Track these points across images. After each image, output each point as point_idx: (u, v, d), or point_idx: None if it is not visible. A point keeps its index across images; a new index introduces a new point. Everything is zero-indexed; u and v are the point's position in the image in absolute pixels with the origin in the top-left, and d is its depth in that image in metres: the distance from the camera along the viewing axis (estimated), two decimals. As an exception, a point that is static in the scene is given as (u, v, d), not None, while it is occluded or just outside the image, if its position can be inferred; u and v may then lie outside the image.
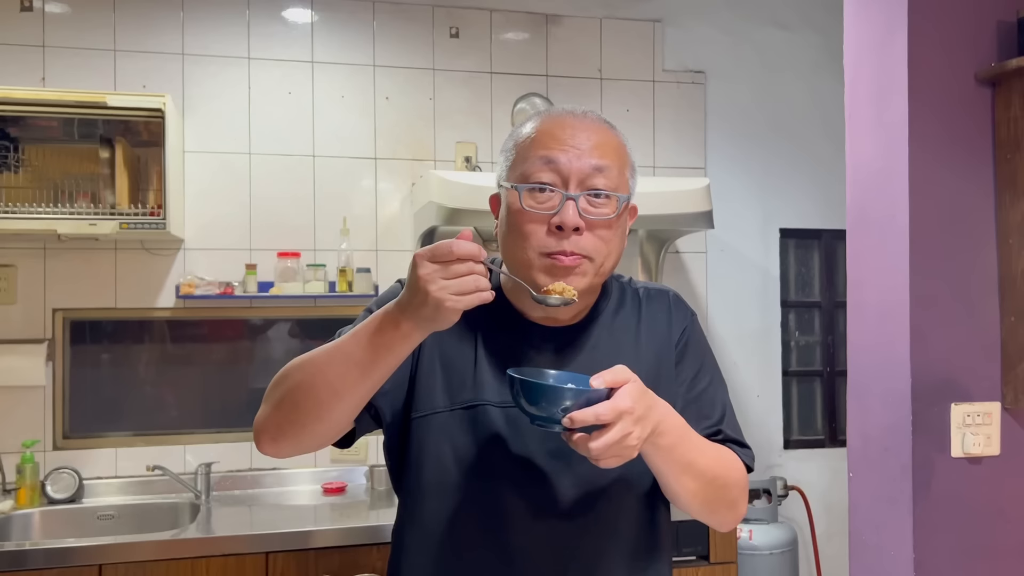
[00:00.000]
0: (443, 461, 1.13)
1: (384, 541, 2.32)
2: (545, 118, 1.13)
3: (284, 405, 1.06)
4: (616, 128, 1.17)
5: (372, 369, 1.01)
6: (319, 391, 1.03)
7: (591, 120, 1.13)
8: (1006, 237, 1.75)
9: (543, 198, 1.08)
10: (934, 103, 1.74)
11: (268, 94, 2.96)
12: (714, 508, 1.15)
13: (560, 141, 1.09)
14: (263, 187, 2.94)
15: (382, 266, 3.01)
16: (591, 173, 1.08)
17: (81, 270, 2.79)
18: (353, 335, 1.02)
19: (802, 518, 3.29)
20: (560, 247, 1.06)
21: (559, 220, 1.06)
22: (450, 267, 0.93)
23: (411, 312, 0.96)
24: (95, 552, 2.20)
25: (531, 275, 1.09)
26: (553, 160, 1.08)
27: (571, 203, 1.06)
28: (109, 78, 2.82)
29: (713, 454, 1.14)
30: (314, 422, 1.05)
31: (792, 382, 3.44)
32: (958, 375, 1.74)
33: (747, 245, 3.36)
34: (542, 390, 0.98)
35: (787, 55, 3.40)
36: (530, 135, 1.12)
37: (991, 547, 1.75)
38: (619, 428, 0.94)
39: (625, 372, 0.99)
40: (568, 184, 1.08)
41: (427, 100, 3.09)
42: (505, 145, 1.16)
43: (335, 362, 1.02)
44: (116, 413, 2.82)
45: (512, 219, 1.10)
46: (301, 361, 1.07)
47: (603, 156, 1.10)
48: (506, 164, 1.14)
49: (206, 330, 2.91)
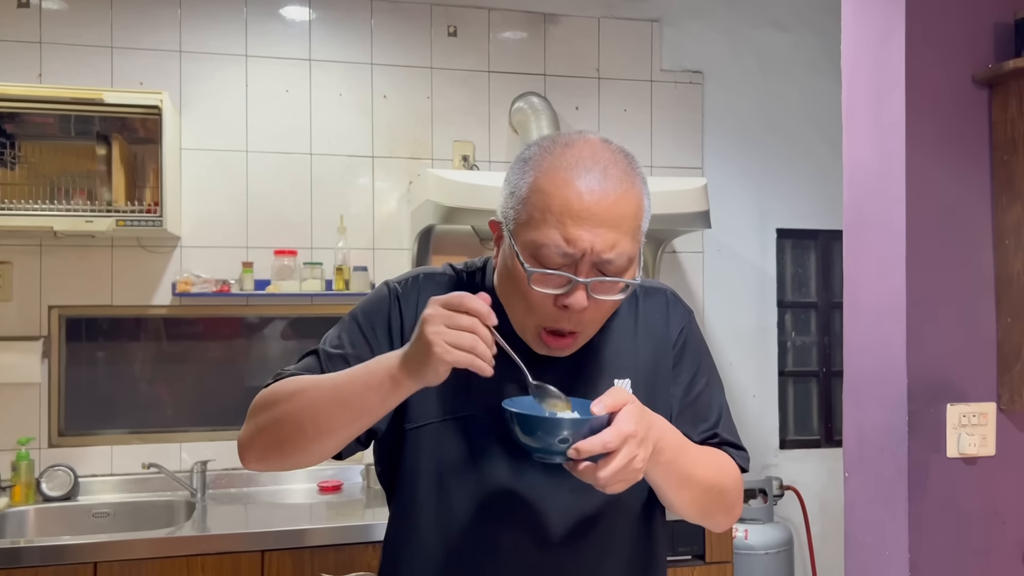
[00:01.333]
0: (437, 471, 1.11)
1: (380, 539, 2.32)
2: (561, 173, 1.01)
3: (269, 432, 1.07)
4: (636, 170, 1.06)
5: (362, 415, 1.01)
6: (306, 427, 1.03)
7: (612, 183, 1.02)
8: (1002, 238, 1.76)
9: (552, 278, 1.02)
10: (931, 104, 1.74)
11: (265, 92, 2.95)
12: (711, 513, 1.15)
13: (576, 218, 0.99)
14: (260, 185, 2.94)
15: (379, 265, 3.00)
16: (603, 262, 1.01)
17: (77, 267, 2.78)
18: (348, 378, 1.01)
19: (798, 518, 3.29)
20: (560, 324, 1.04)
21: (566, 302, 1.02)
22: (455, 316, 0.92)
23: (407, 356, 0.96)
24: (90, 550, 2.19)
25: (525, 337, 1.09)
26: (567, 248, 1.00)
27: (581, 288, 1.01)
28: (106, 75, 2.81)
29: (710, 462, 1.13)
30: (299, 453, 1.06)
31: (788, 382, 3.45)
32: (954, 376, 1.75)
33: (744, 245, 3.37)
34: (539, 423, 0.93)
35: (785, 56, 3.40)
36: (544, 193, 1.01)
37: (986, 547, 1.75)
38: (625, 453, 0.92)
39: (623, 393, 0.96)
40: (579, 266, 1.01)
41: (425, 99, 3.08)
42: (513, 179, 1.07)
43: (325, 402, 1.02)
44: (112, 411, 2.81)
45: (517, 283, 1.05)
46: (289, 391, 1.06)
47: (619, 233, 1.01)
48: (514, 211, 1.05)
49: (202, 328, 2.90)
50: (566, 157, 1.03)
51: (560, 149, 1.04)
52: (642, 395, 1.12)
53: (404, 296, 1.16)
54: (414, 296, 1.15)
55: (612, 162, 1.04)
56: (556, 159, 1.03)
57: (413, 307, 1.14)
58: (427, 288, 1.16)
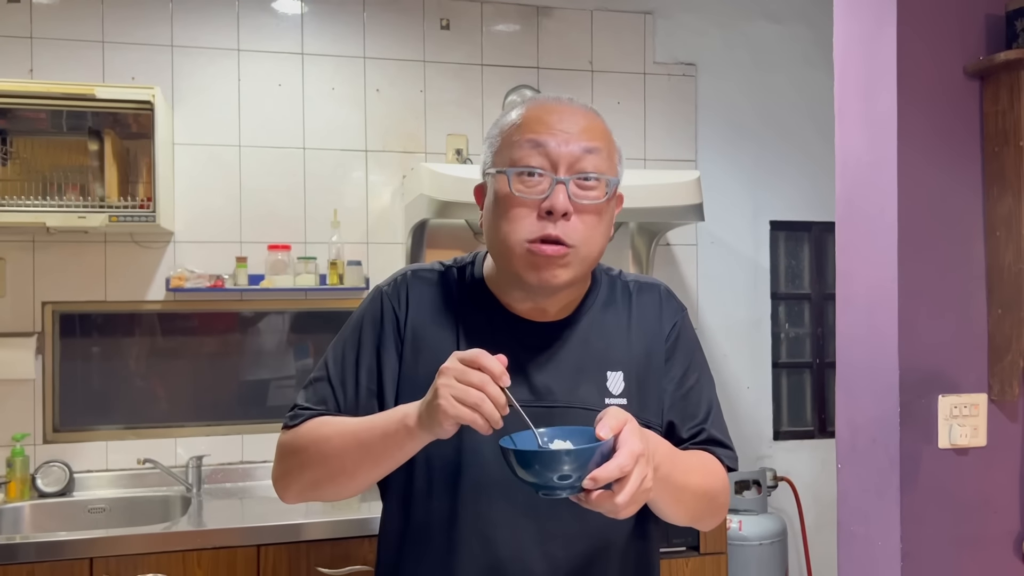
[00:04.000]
0: (431, 465, 1.12)
1: (376, 533, 2.32)
2: (531, 105, 1.12)
3: (302, 477, 1.13)
4: (601, 115, 1.16)
5: (385, 461, 1.06)
6: (335, 475, 1.09)
7: (577, 105, 1.13)
8: (993, 230, 1.77)
9: (532, 182, 1.06)
10: (923, 96, 1.75)
11: (258, 86, 2.94)
12: (700, 518, 1.16)
13: (548, 125, 1.08)
14: (253, 179, 2.93)
15: (373, 259, 3.00)
16: (580, 156, 1.07)
17: (70, 263, 2.77)
18: (368, 426, 1.06)
19: (791, 509, 3.31)
20: (546, 232, 1.05)
21: (549, 204, 1.05)
22: (467, 372, 0.93)
23: (422, 404, 0.98)
24: (86, 545, 2.19)
25: (514, 267, 1.08)
26: (542, 144, 1.07)
27: (561, 187, 1.05)
28: (98, 70, 2.80)
29: (699, 469, 1.13)
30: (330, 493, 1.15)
31: (782, 374, 3.46)
32: (946, 367, 1.76)
33: (737, 238, 3.37)
34: (542, 457, 0.88)
35: (778, 48, 3.40)
36: (516, 121, 1.10)
37: (977, 537, 1.76)
38: (638, 473, 0.89)
39: (622, 413, 0.93)
40: (557, 168, 1.06)
41: (418, 92, 3.08)
42: (490, 133, 1.15)
43: (350, 452, 1.07)
44: (106, 406, 2.81)
45: (500, 204, 1.08)
46: (315, 439, 1.11)
47: (592, 139, 1.09)
48: (491, 151, 1.13)
49: (197, 323, 2.90)
50: (534, 100, 1.14)
51: (528, 99, 1.15)
52: (633, 388, 1.13)
53: (393, 295, 1.18)
54: (403, 293, 1.17)
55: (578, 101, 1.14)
56: (524, 104, 1.13)
57: (404, 303, 1.16)
58: (415, 285, 1.18)
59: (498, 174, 1.09)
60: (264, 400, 2.92)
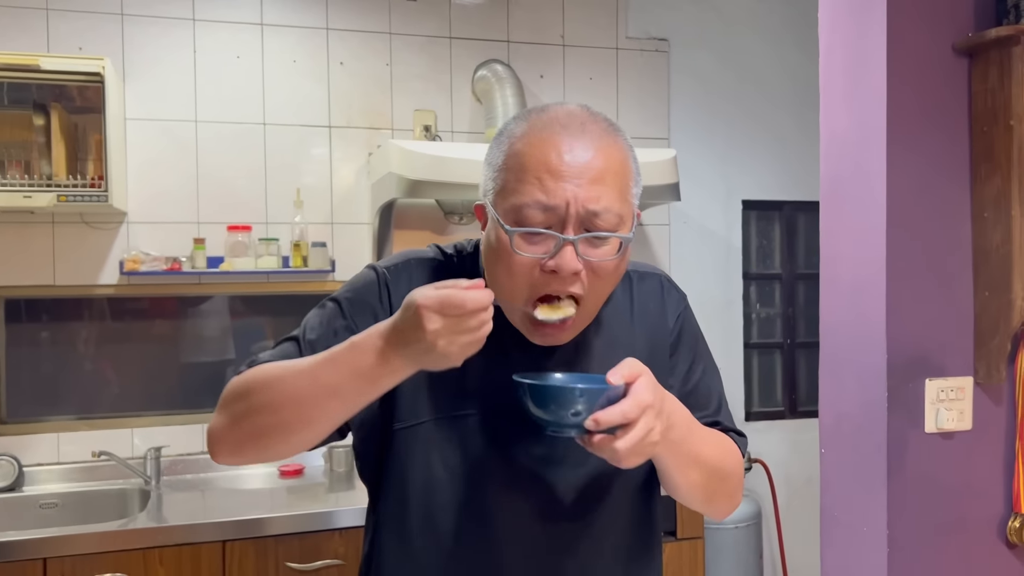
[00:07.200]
0: (430, 472, 1.06)
1: (346, 526, 2.25)
2: (536, 133, 0.98)
3: (245, 424, 0.99)
4: (619, 132, 1.02)
5: (353, 400, 0.94)
6: (288, 418, 0.95)
7: (591, 137, 0.98)
8: (981, 211, 1.73)
9: (536, 239, 0.96)
10: (912, 74, 1.70)
11: (215, 58, 2.80)
12: (714, 499, 1.11)
13: (555, 172, 0.95)
14: (211, 157, 2.80)
15: (338, 240, 2.90)
16: (591, 210, 0.96)
17: (16, 246, 2.62)
18: (332, 363, 0.93)
19: (764, 491, 3.30)
20: (551, 288, 0.97)
21: (554, 265, 0.95)
22: (462, 322, 0.86)
23: (407, 353, 0.89)
24: (39, 545, 2.08)
25: (515, 321, 1.02)
26: (547, 201, 0.95)
27: (569, 247, 0.95)
28: (42, 39, 2.64)
29: (716, 443, 1.09)
30: (279, 444, 0.99)
31: (753, 354, 3.44)
32: (933, 350, 1.73)
33: (709, 217, 3.33)
34: (554, 393, 0.90)
35: (751, 23, 3.35)
36: (520, 154, 0.98)
37: (962, 521, 1.75)
38: (643, 424, 0.88)
39: (638, 365, 0.92)
40: (565, 225, 0.95)
41: (383, 66, 2.96)
42: (491, 155, 1.02)
43: (308, 390, 0.94)
44: (57, 396, 2.68)
45: (501, 254, 0.99)
46: (267, 378, 0.98)
47: (604, 186, 0.96)
48: (493, 181, 1.01)
49: (152, 308, 2.77)
50: (541, 120, 1.00)
51: (535, 115, 1.01)
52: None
53: (393, 282, 1.09)
54: (404, 283, 1.07)
55: (591, 120, 1.00)
56: (531, 124, 1.00)
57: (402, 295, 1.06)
58: (417, 275, 1.09)
59: (501, 228, 0.98)
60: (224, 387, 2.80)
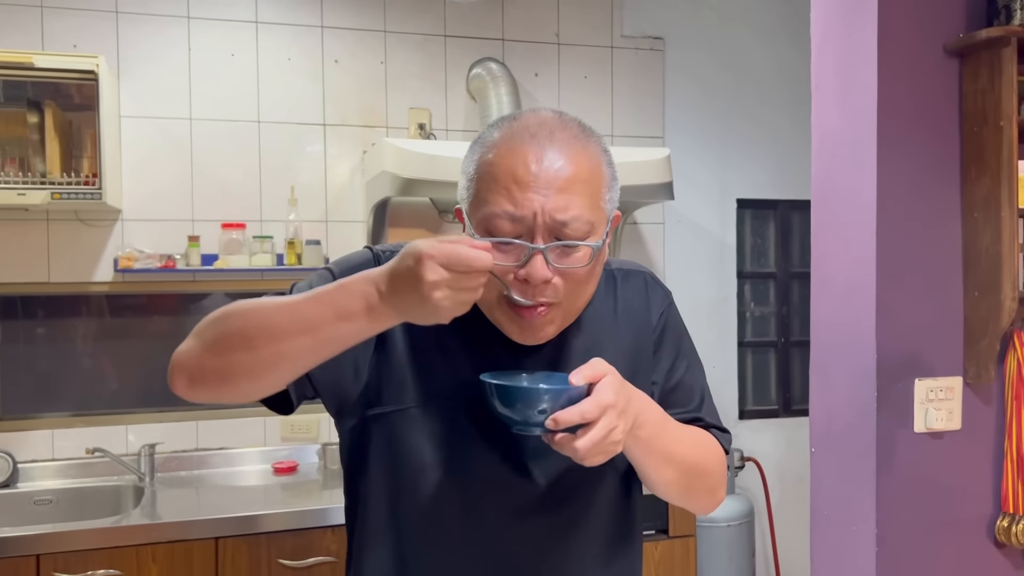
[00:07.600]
0: (413, 459, 1.06)
1: (339, 523, 2.25)
2: (505, 143, 0.99)
3: (215, 348, 0.95)
4: (591, 137, 1.02)
5: (327, 341, 0.91)
6: (260, 347, 0.92)
7: (559, 146, 0.98)
8: (971, 211, 1.74)
9: (507, 249, 0.97)
10: (903, 74, 1.71)
11: (209, 56, 2.80)
12: (692, 495, 1.12)
13: (523, 183, 0.95)
14: (205, 154, 2.80)
15: (332, 238, 2.90)
16: (558, 225, 0.96)
17: (10, 243, 2.62)
18: (315, 299, 0.92)
19: (757, 488, 3.31)
20: (525, 296, 0.97)
21: (525, 274, 0.96)
22: (463, 279, 0.86)
23: (396, 302, 0.88)
24: (32, 541, 2.09)
25: (495, 318, 1.03)
26: (515, 212, 0.95)
27: (538, 256, 0.95)
28: (36, 37, 2.64)
29: (692, 441, 1.10)
30: (243, 377, 0.94)
31: (747, 352, 3.45)
32: (923, 350, 1.74)
33: (704, 216, 3.33)
34: (519, 393, 0.92)
35: (746, 22, 3.35)
36: (490, 164, 0.98)
37: (951, 520, 1.76)
38: (603, 424, 0.90)
39: (603, 365, 0.94)
40: (534, 234, 0.96)
41: (378, 64, 2.96)
42: (465, 164, 1.03)
43: (286, 321, 0.91)
44: (52, 393, 2.68)
45: None
46: (247, 307, 0.95)
47: (572, 195, 0.96)
48: (466, 190, 1.02)
49: (147, 305, 2.77)
50: (512, 129, 1.01)
51: (507, 124, 1.02)
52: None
53: None
54: None
55: (561, 127, 1.00)
56: (502, 133, 1.01)
57: None
58: None
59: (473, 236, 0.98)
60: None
